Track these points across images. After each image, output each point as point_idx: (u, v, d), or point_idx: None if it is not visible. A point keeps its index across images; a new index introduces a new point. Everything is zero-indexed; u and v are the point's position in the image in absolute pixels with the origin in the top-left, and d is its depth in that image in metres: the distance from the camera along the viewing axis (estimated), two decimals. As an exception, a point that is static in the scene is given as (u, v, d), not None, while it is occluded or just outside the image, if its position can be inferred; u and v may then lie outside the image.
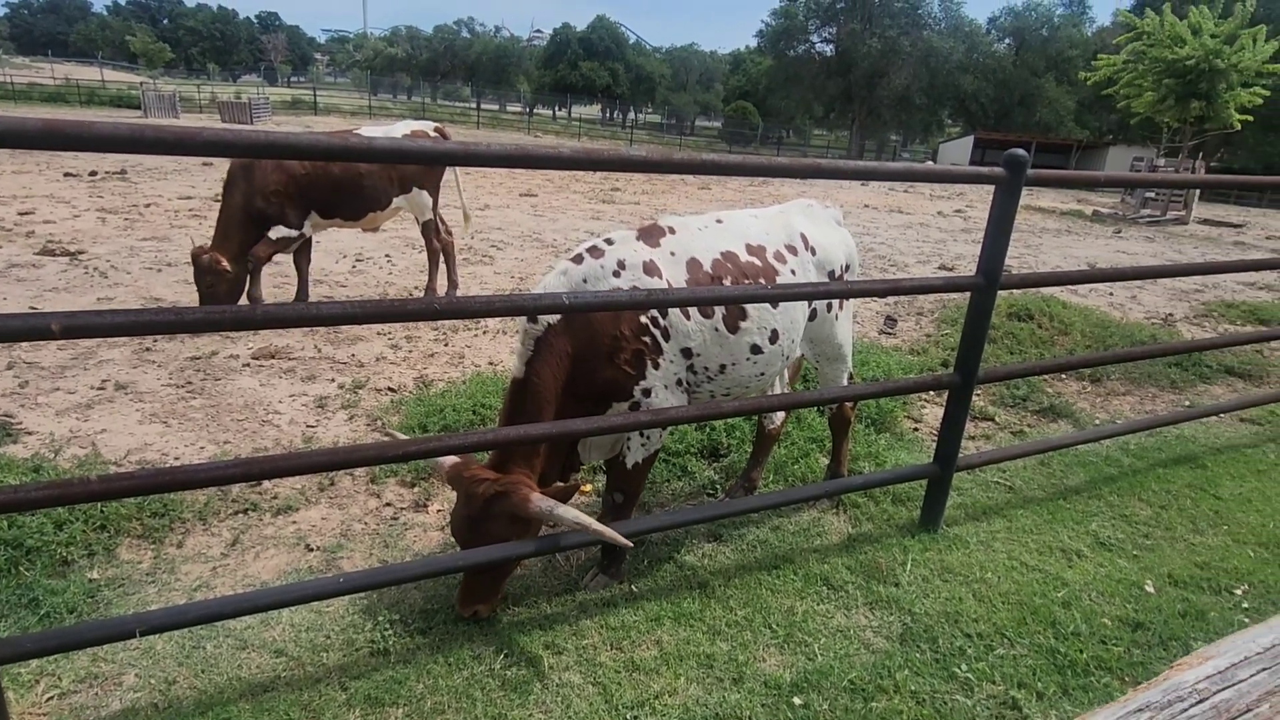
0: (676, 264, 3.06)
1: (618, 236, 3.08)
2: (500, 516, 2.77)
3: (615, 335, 2.92)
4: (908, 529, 3.80)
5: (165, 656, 2.69)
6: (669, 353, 3.02)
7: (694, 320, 3.04)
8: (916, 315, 7.76)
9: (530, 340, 2.89)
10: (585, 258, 2.97)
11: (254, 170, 5.84)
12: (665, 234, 3.14)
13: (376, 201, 6.39)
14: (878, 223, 15.10)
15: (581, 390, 2.95)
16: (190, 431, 4.25)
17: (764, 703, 2.67)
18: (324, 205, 6.17)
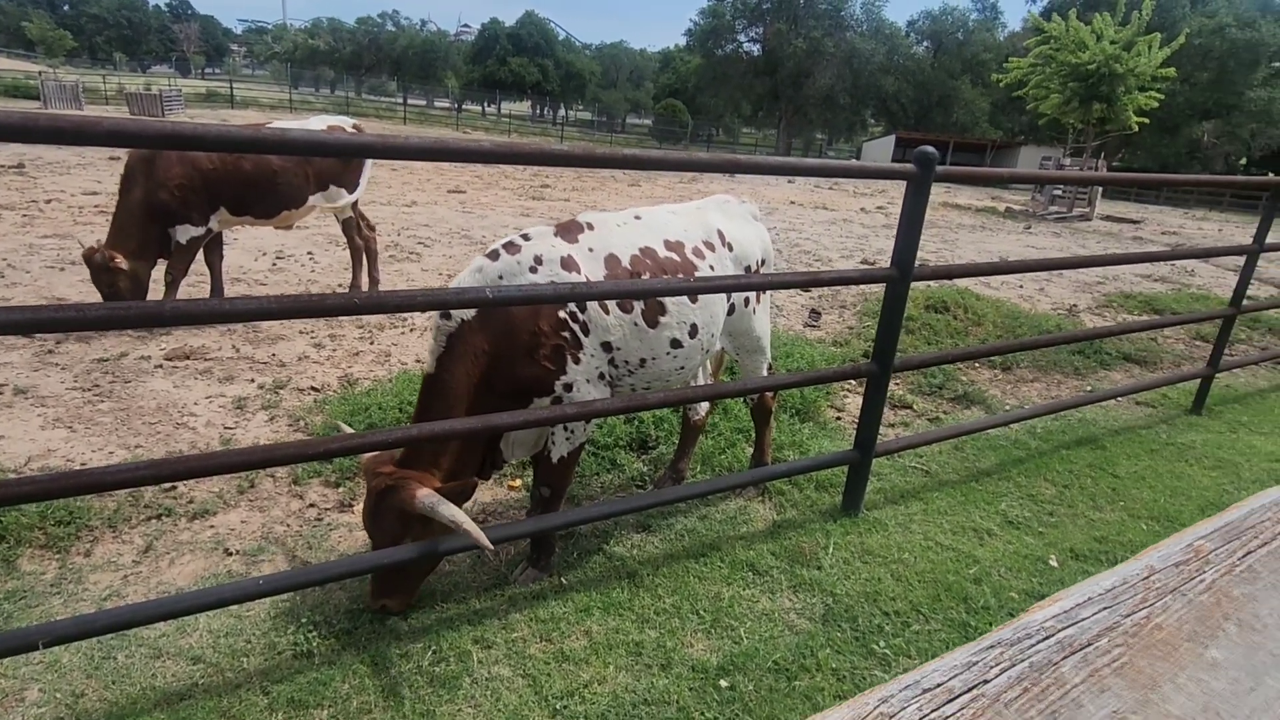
0: (595, 260, 3.06)
1: (534, 232, 3.06)
2: (391, 511, 2.74)
3: (534, 331, 2.91)
4: (830, 514, 3.93)
5: (72, 669, 2.58)
6: (589, 347, 3.02)
7: (613, 315, 3.05)
8: (840, 309, 7.99)
9: (443, 336, 2.87)
10: (501, 254, 2.95)
11: (156, 163, 5.54)
12: (583, 230, 3.13)
13: (291, 199, 6.14)
14: (803, 219, 15.44)
15: (501, 387, 2.94)
16: (98, 436, 4.06)
17: (691, 686, 2.73)
18: (234, 202, 5.89)
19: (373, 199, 12.70)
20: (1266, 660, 0.74)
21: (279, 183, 5.96)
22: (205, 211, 5.80)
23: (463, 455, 2.99)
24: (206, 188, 5.69)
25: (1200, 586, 0.75)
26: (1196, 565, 0.77)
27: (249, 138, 2.11)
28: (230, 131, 2.09)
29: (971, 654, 0.61)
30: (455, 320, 2.86)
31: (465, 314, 2.85)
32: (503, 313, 2.87)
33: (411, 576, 2.92)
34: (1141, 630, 0.69)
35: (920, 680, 0.59)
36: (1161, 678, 0.68)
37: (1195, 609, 0.73)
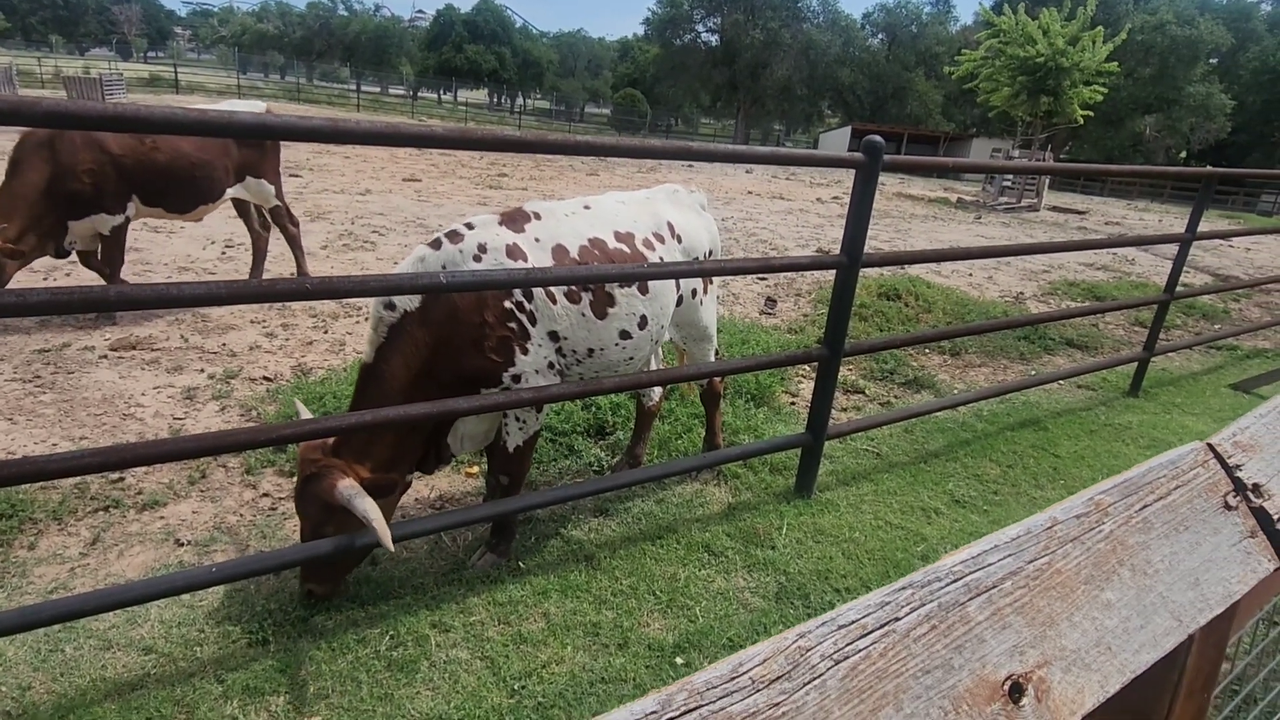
0: (542, 250, 3.01)
1: (479, 220, 2.99)
2: (314, 498, 2.70)
3: (479, 323, 2.86)
4: (784, 496, 4.02)
5: (18, 662, 2.53)
6: (536, 337, 2.98)
7: (560, 305, 3.01)
8: (795, 296, 8.11)
9: (384, 327, 2.81)
10: (444, 242, 2.89)
11: (58, 149, 5.02)
12: (530, 219, 3.08)
13: (209, 192, 5.77)
14: (760, 209, 15.59)
15: (446, 378, 2.88)
16: (41, 429, 3.96)
17: (648, 664, 2.78)
18: (146, 192, 5.45)
19: (325, 187, 12.48)
20: (1155, 601, 0.81)
21: (196, 175, 5.60)
22: (121, 198, 5.38)
23: (399, 447, 2.92)
24: (119, 174, 5.27)
25: (1099, 536, 0.81)
26: (1096, 517, 0.83)
27: (194, 120, 2.09)
28: (176, 113, 2.06)
29: (885, 595, 0.66)
30: (398, 310, 2.80)
31: (409, 304, 2.80)
32: (447, 303, 2.82)
33: (337, 565, 2.85)
34: (1042, 575, 0.75)
35: (836, 618, 0.64)
36: (1059, 616, 0.74)
37: (1093, 556, 0.79)
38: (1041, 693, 0.69)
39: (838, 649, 0.63)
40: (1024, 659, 0.69)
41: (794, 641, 0.62)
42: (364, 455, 2.81)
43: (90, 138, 5.09)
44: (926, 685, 0.63)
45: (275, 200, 6.39)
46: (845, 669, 0.62)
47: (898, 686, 0.62)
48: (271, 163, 6.31)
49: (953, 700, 0.64)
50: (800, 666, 0.61)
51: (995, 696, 0.66)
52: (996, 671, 0.67)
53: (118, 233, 5.51)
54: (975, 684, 0.66)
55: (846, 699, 0.60)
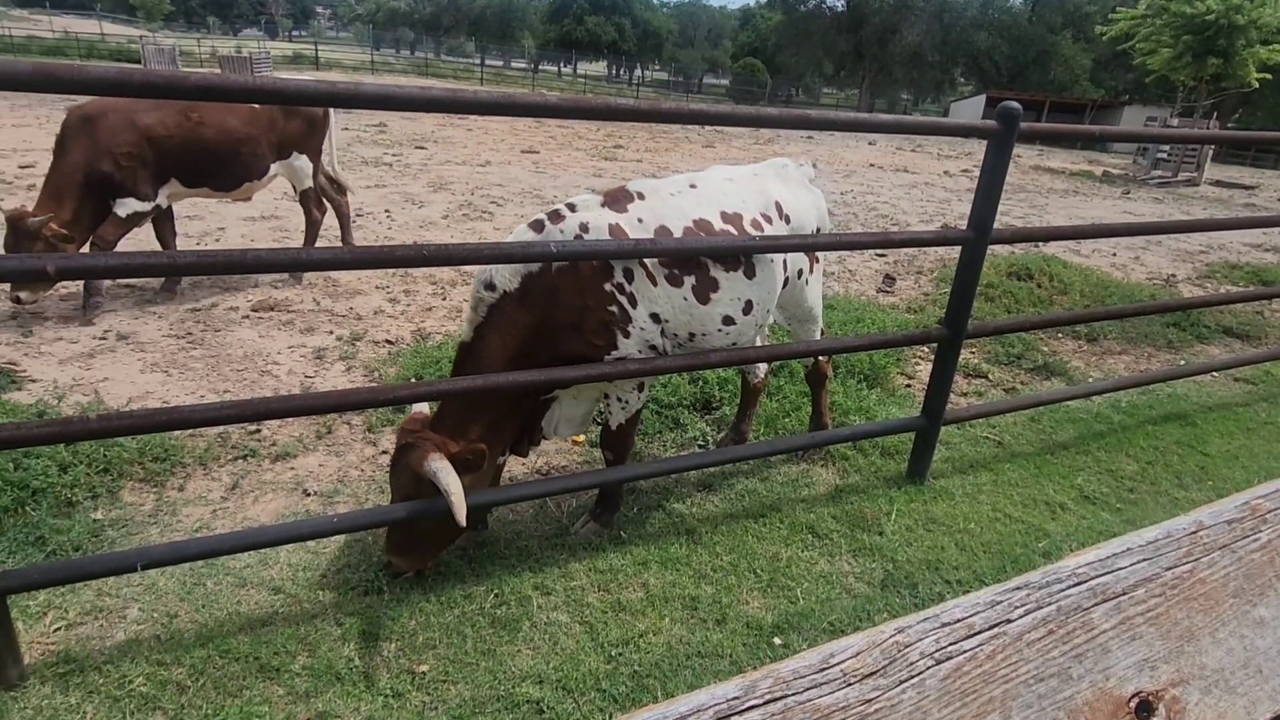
0: (644, 231, 2.93)
1: (581, 201, 2.94)
2: (405, 469, 2.74)
3: (580, 306, 2.83)
4: (894, 481, 3.87)
5: (167, 592, 2.79)
6: (638, 320, 2.92)
7: (661, 288, 2.94)
8: (916, 274, 7.76)
9: (484, 307, 2.82)
10: (545, 223, 2.87)
11: (99, 126, 4.85)
12: (633, 199, 2.98)
13: (254, 169, 5.56)
14: (883, 182, 14.97)
15: (546, 362, 2.86)
16: (191, 381, 4.32)
17: (745, 642, 2.76)
18: (189, 173, 5.26)
19: (448, 159, 12.92)
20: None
21: (242, 152, 5.40)
22: (154, 184, 5.14)
23: (494, 427, 2.93)
24: (158, 158, 5.05)
25: (1253, 545, 0.72)
26: (1252, 524, 0.73)
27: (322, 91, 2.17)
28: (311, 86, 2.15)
29: (996, 594, 0.61)
30: (498, 291, 2.81)
31: (509, 285, 2.80)
32: (547, 285, 2.80)
33: (424, 541, 2.88)
34: (1182, 583, 0.67)
35: (940, 614, 0.59)
36: (1200, 631, 0.66)
37: (1245, 566, 0.70)
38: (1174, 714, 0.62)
39: (940, 647, 0.58)
40: (1155, 675, 0.62)
41: (891, 636, 0.58)
42: (459, 433, 2.84)
43: (132, 119, 4.92)
44: (1039, 694, 0.58)
45: (309, 181, 6.11)
46: (947, 669, 0.57)
47: (1006, 693, 0.57)
48: (316, 141, 6.07)
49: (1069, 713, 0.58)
50: (897, 662, 0.57)
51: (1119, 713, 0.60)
52: (1122, 686, 0.60)
53: (132, 220, 5.18)
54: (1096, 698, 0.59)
55: (947, 701, 0.56)
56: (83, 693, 2.34)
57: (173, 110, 5.04)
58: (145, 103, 4.92)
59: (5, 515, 3.02)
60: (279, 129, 5.65)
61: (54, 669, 2.41)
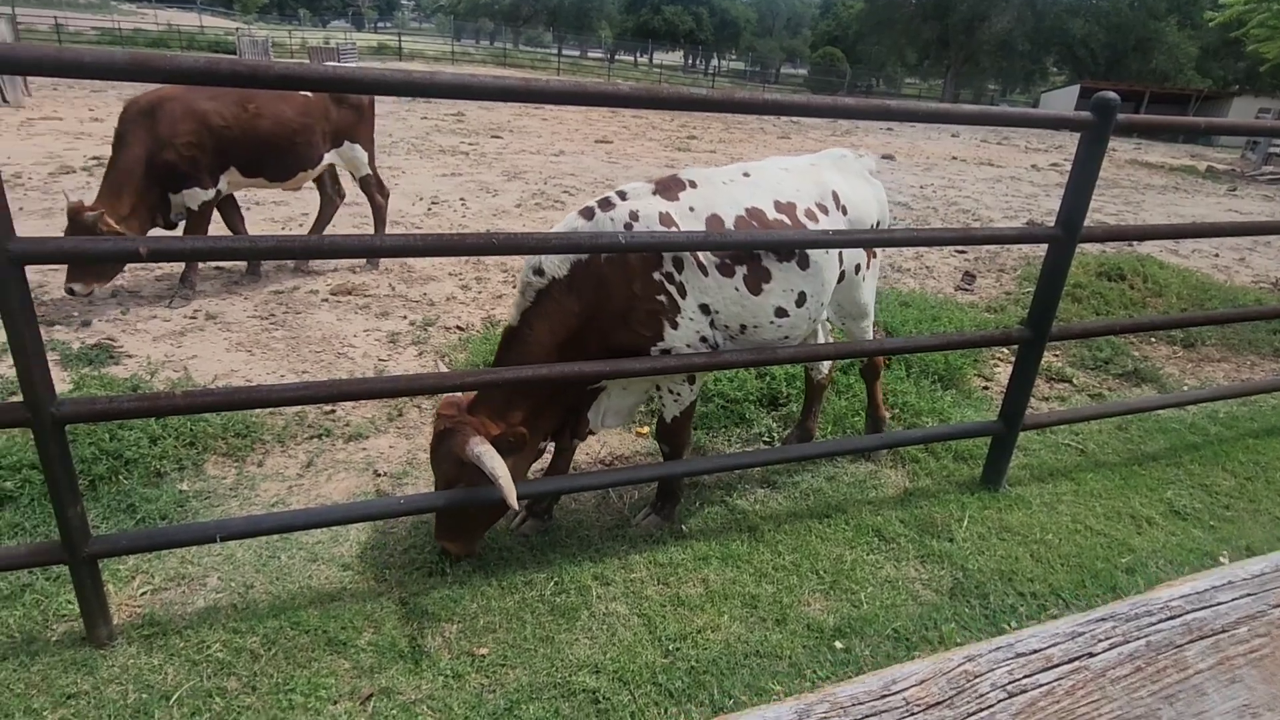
0: (695, 220, 2.88)
1: (632, 189, 2.89)
2: (447, 454, 2.74)
3: (627, 295, 2.79)
4: (967, 486, 3.74)
5: (244, 564, 2.90)
6: (687, 310, 2.87)
7: (712, 278, 2.88)
8: (998, 272, 7.47)
9: (531, 292, 2.81)
10: (595, 211, 2.84)
11: (158, 119, 4.91)
12: (685, 188, 2.93)
13: (308, 159, 5.59)
14: (964, 175, 14.46)
15: (594, 351, 2.84)
16: (272, 361, 4.49)
17: (805, 644, 2.71)
18: (245, 162, 5.30)
19: (523, 148, 13.08)
20: None
21: (296, 142, 5.44)
22: (214, 172, 5.22)
23: (535, 413, 2.91)
24: (217, 147, 5.13)
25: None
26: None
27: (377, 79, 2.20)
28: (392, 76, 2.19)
29: (1078, 624, 0.56)
30: (546, 277, 2.78)
31: (557, 271, 2.77)
32: (595, 273, 2.77)
33: (470, 523, 2.90)
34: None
35: (1014, 644, 0.55)
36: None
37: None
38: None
39: (1013, 679, 0.54)
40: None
41: (960, 664, 0.54)
42: (499, 416, 2.83)
43: (191, 108, 4.98)
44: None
45: (367, 168, 6.12)
46: (1021, 704, 0.53)
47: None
48: (366, 129, 6.07)
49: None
50: (965, 694, 0.53)
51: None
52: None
53: (206, 209, 5.31)
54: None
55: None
56: (165, 654, 2.46)
57: (230, 100, 5.09)
58: (203, 93, 4.97)
59: (101, 483, 3.20)
60: (332, 118, 5.69)
61: (139, 630, 2.54)
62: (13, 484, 3.09)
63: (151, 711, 2.26)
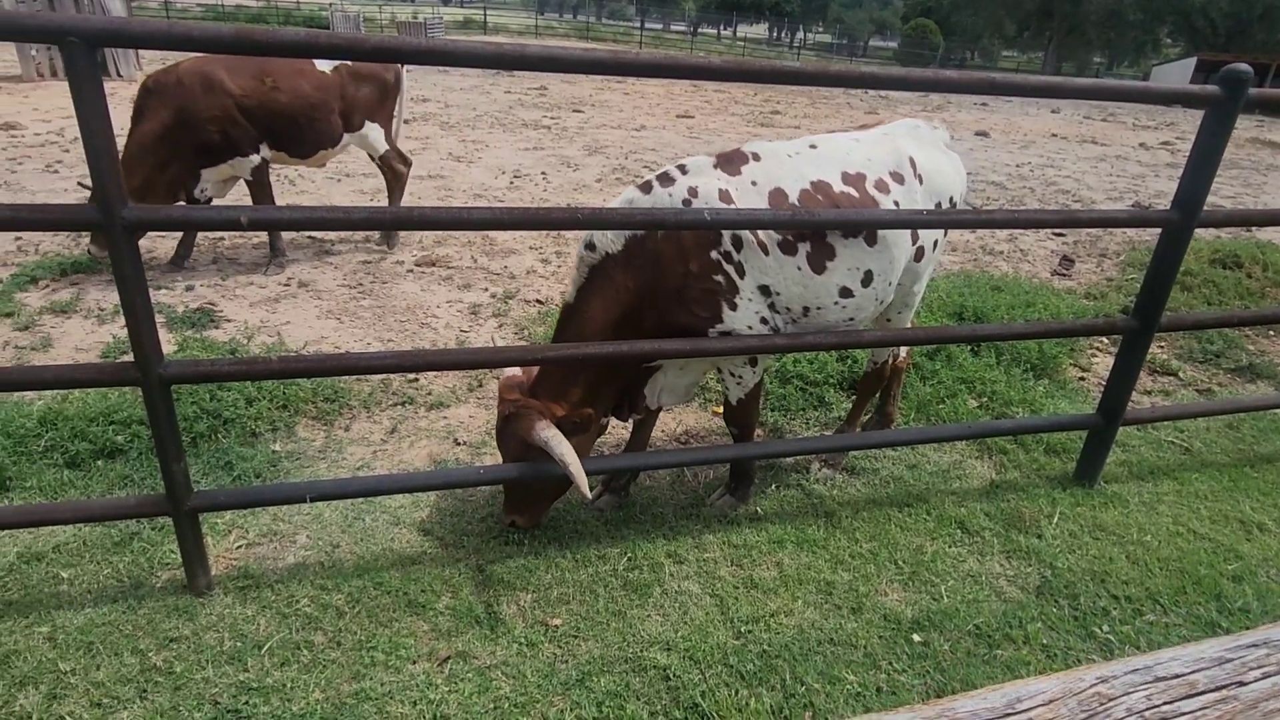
0: (757, 195, 2.78)
1: (692, 164, 2.81)
2: (513, 437, 2.74)
3: (683, 274, 2.71)
4: (1059, 481, 3.57)
5: (331, 524, 3.02)
6: (745, 291, 2.78)
7: (772, 256, 2.77)
8: (1099, 257, 7.07)
9: (585, 267, 2.76)
10: (654, 186, 2.77)
11: (179, 96, 4.86)
12: (748, 161, 2.83)
13: (328, 137, 5.53)
14: (1065, 154, 13.72)
15: (650, 330, 2.79)
16: (359, 329, 4.63)
17: (881, 635, 2.64)
18: (272, 136, 5.30)
19: (604, 122, 13.05)
20: None
21: (315, 118, 5.37)
22: (254, 140, 5.22)
23: (594, 391, 2.87)
24: (246, 116, 5.10)
25: None
26: None
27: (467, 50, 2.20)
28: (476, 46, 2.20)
29: (1225, 649, 0.51)
30: (599, 252, 2.73)
31: (610, 247, 2.71)
32: (650, 250, 2.70)
33: (537, 497, 2.92)
34: None
35: (1153, 666, 0.50)
36: None
37: None
38: None
39: (1152, 705, 0.49)
40: None
41: (1092, 685, 0.50)
42: (559, 396, 2.82)
43: (210, 83, 4.93)
44: (1282, 781, 0.48)
45: (384, 146, 5.98)
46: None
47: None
48: (388, 108, 5.93)
49: (1320, 809, 0.48)
50: (1097, 717, 0.48)
51: (1388, 817, 0.49)
52: (1395, 784, 0.49)
53: (260, 174, 5.37)
54: (1358, 794, 0.48)
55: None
56: (258, 606, 2.58)
57: (248, 75, 5.06)
58: (222, 67, 4.98)
59: (201, 440, 3.37)
60: (350, 96, 5.57)
61: (235, 582, 2.68)
62: (123, 438, 3.29)
63: (245, 659, 2.38)
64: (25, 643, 2.38)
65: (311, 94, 5.33)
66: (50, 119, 10.14)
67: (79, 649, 2.37)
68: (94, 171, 1.99)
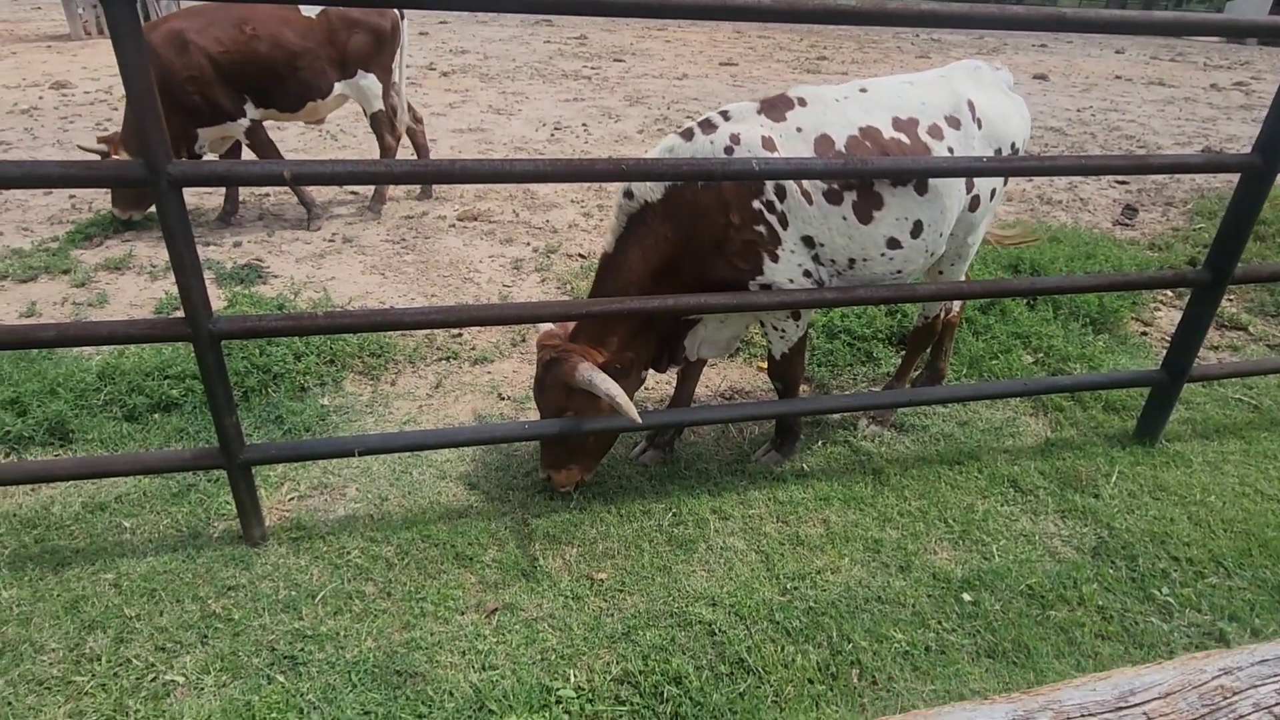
0: (803, 141, 2.67)
1: (735, 110, 2.71)
2: (556, 384, 2.71)
3: (723, 224, 2.64)
4: (1118, 440, 3.45)
5: (379, 477, 3.06)
6: (788, 242, 2.69)
7: (816, 206, 2.67)
8: (1164, 206, 6.74)
9: (624, 216, 2.70)
10: (696, 133, 2.67)
11: (154, 60, 4.42)
12: (793, 106, 2.72)
13: (315, 88, 5.27)
14: (1130, 97, 13.05)
15: (689, 281, 2.73)
16: (403, 284, 4.64)
17: (930, 593, 2.60)
18: (252, 90, 5.09)
19: (645, 72, 12.77)
20: None
21: (299, 68, 5.11)
22: (236, 101, 5.05)
23: (633, 341, 2.85)
24: (222, 76, 4.91)
25: None
26: None
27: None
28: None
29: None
30: (637, 200, 2.66)
31: (649, 195, 2.64)
32: (690, 200, 2.63)
33: (578, 454, 2.89)
34: None
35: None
36: None
37: None
38: None
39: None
40: None
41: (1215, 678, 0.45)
42: (599, 344, 2.79)
43: (183, 43, 4.74)
44: None
45: (379, 103, 5.63)
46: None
47: (1383, 779, 0.42)
48: (385, 59, 5.57)
49: None
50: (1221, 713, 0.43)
51: None
52: None
53: (255, 135, 5.26)
54: None
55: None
56: (310, 556, 2.64)
57: (227, 25, 4.87)
58: (196, 22, 4.82)
59: (252, 394, 3.43)
60: (340, 44, 5.27)
61: (288, 533, 2.74)
62: (177, 392, 3.36)
63: (299, 608, 2.44)
64: (93, 588, 2.48)
65: (295, 42, 5.08)
66: (99, 77, 10.28)
67: (143, 595, 2.46)
68: (138, 125, 1.99)
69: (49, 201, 5.79)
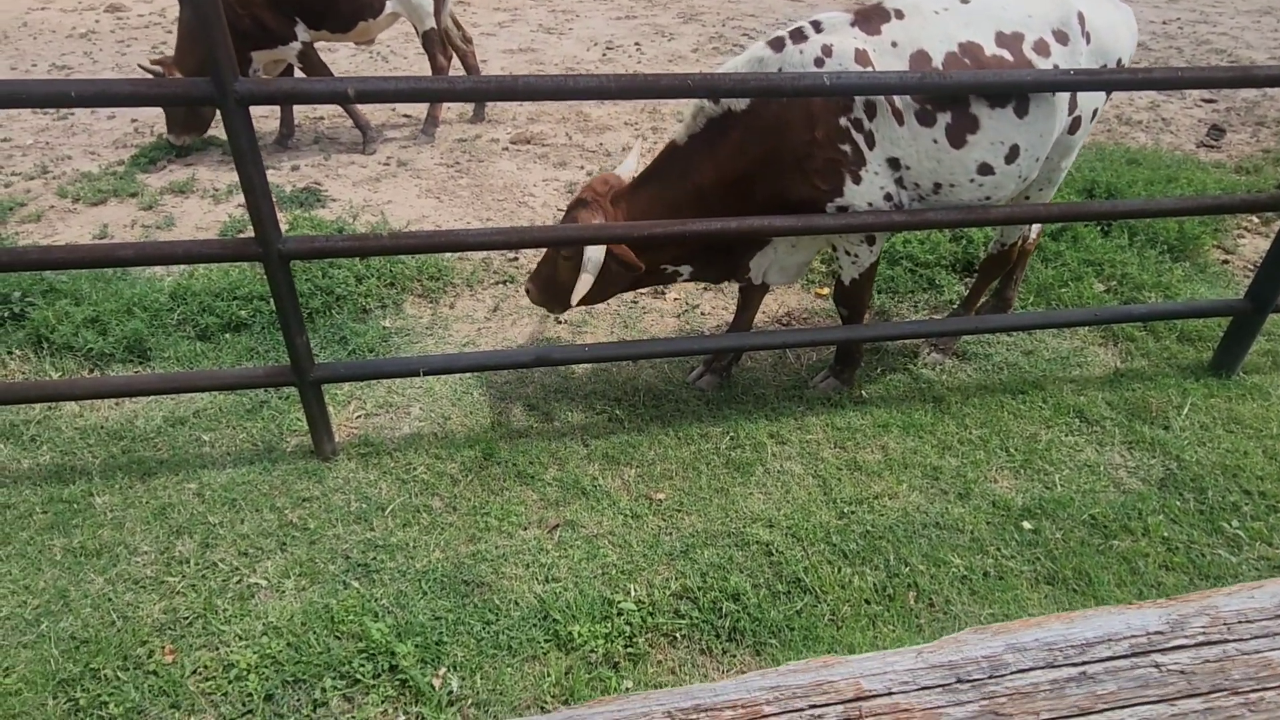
0: (897, 57, 2.52)
1: (828, 20, 2.57)
2: (567, 219, 2.74)
3: (807, 141, 2.53)
4: (1192, 371, 3.33)
5: (441, 397, 3.13)
6: (872, 164, 2.58)
7: (907, 126, 2.54)
8: (1255, 126, 6.31)
9: (703, 118, 2.61)
10: (786, 43, 2.54)
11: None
12: (889, 19, 2.57)
13: (367, 6, 5.13)
14: (1222, 7, 12.09)
15: (762, 199, 2.65)
16: (459, 207, 4.64)
17: (989, 521, 2.59)
18: (307, 13, 5.00)
19: None
20: None
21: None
22: (287, 24, 4.98)
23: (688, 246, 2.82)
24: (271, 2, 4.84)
25: None
26: None
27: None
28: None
29: None
30: (722, 106, 2.57)
31: (735, 103, 2.55)
32: (775, 112, 2.52)
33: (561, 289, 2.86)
34: None
35: None
36: None
37: None
38: None
39: None
40: None
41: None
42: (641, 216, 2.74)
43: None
44: None
45: (431, 21, 5.46)
46: None
47: None
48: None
49: None
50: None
51: None
52: None
53: (307, 58, 5.19)
54: None
55: None
56: (378, 471, 2.74)
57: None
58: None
59: (318, 315, 3.51)
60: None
61: (356, 449, 2.83)
62: (246, 313, 3.45)
63: (370, 519, 2.54)
64: (178, 497, 2.61)
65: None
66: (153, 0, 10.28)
67: (224, 504, 2.59)
68: (207, 42, 1.98)
69: (112, 125, 5.89)
